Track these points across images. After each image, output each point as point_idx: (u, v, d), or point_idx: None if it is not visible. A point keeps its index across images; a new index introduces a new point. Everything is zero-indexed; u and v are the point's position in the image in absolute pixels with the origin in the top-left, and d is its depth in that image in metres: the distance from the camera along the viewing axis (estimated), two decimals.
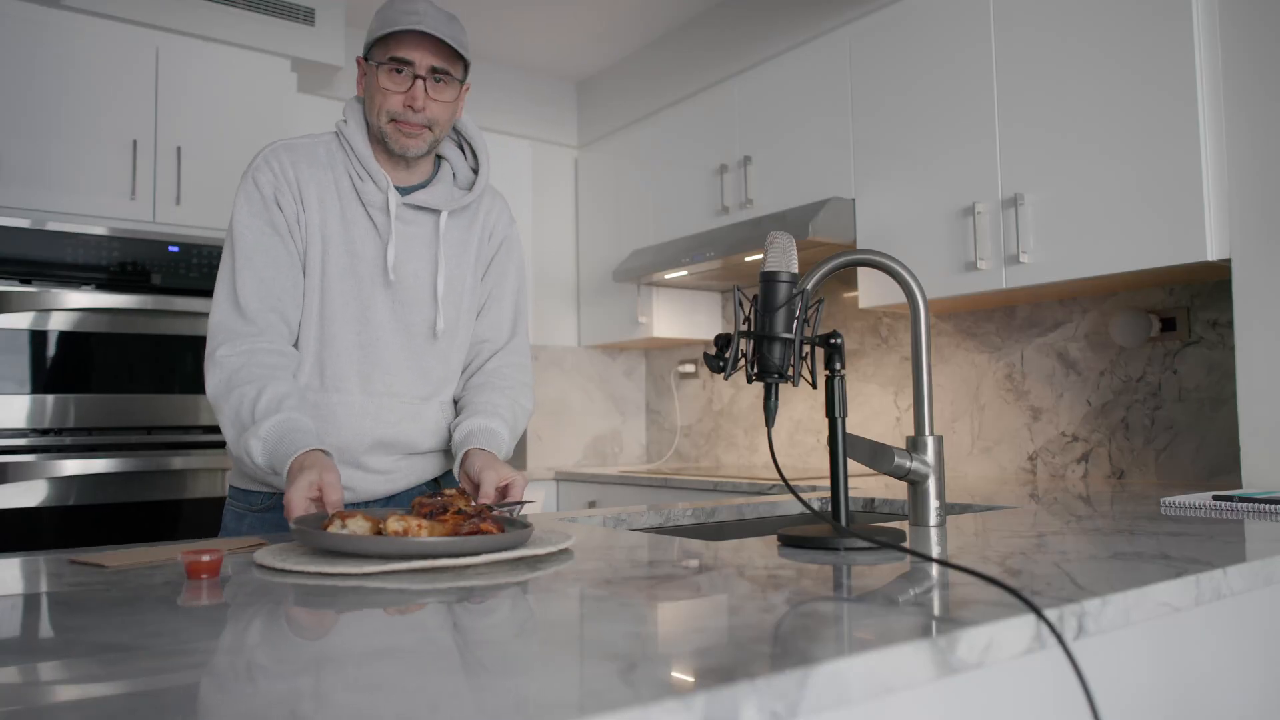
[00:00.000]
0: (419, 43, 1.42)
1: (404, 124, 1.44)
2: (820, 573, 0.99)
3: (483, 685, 0.58)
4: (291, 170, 1.45)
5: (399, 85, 1.43)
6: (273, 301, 1.42)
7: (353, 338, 1.47)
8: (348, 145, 1.49)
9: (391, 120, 1.44)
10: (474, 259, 1.59)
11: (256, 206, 1.44)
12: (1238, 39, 1.93)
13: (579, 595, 0.88)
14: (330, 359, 1.46)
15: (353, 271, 1.47)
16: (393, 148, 1.47)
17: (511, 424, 1.54)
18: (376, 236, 1.49)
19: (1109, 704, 1.01)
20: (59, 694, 0.58)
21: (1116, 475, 2.43)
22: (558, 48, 3.81)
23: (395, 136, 1.45)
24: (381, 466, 1.52)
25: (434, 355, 1.54)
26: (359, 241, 1.47)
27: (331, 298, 1.46)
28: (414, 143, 1.46)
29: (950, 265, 2.46)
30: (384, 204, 1.48)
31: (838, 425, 1.26)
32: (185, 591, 0.91)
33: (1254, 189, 1.91)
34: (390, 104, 1.43)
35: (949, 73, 2.49)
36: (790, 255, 1.23)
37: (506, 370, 1.61)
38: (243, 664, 0.64)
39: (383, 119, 1.45)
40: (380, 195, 1.48)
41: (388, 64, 1.42)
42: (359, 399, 1.48)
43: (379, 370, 1.49)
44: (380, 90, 1.43)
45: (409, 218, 1.51)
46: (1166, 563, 1.00)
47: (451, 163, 1.59)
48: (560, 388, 3.98)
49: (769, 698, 0.58)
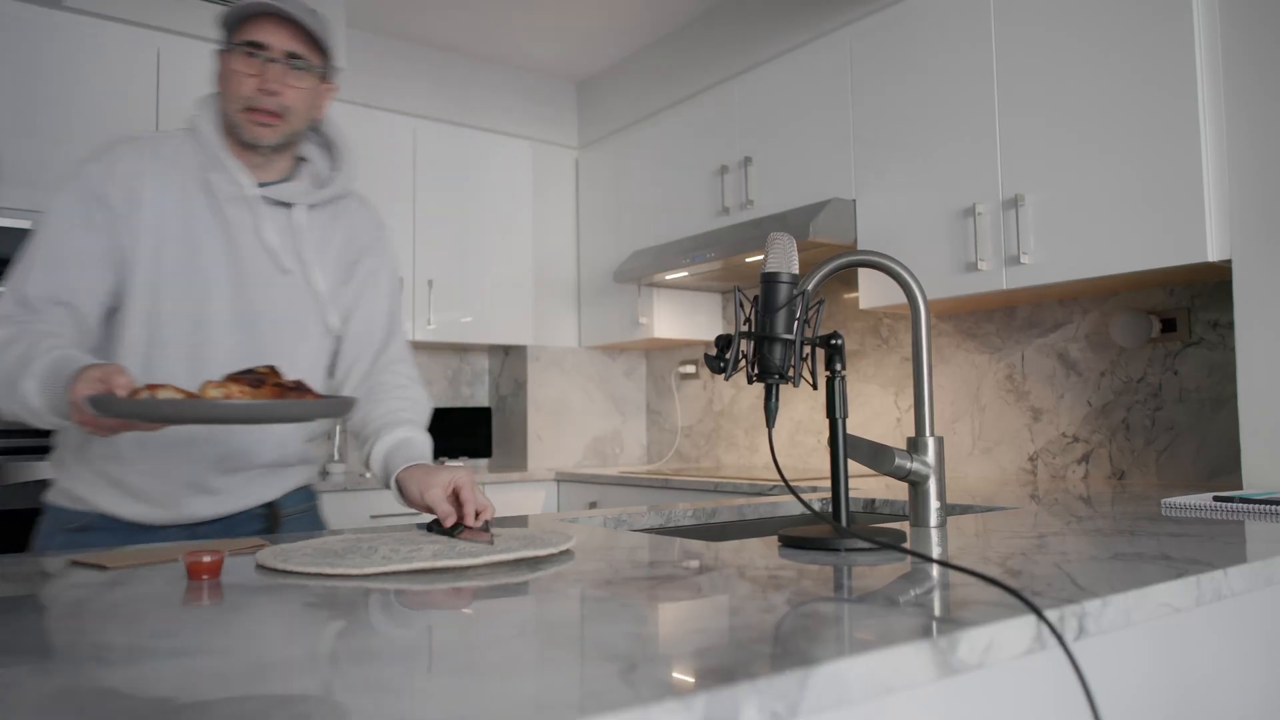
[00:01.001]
0: (276, 26, 1.36)
1: (257, 111, 1.37)
2: (821, 573, 0.99)
3: (483, 685, 0.58)
4: (124, 164, 1.37)
5: (253, 69, 1.35)
6: (65, 295, 1.31)
7: (184, 339, 1.37)
8: (200, 138, 1.41)
9: (245, 108, 1.37)
10: (334, 261, 1.51)
11: (73, 198, 1.35)
12: (1238, 39, 1.93)
13: (579, 596, 0.88)
14: (159, 362, 1.36)
15: (190, 270, 1.37)
16: (244, 136, 1.38)
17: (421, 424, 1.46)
18: (221, 233, 1.39)
19: (1109, 705, 1.01)
20: (59, 694, 0.58)
21: (1117, 476, 2.43)
22: (558, 48, 3.81)
23: (247, 125, 1.37)
24: (212, 484, 1.40)
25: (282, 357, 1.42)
26: (201, 238, 1.38)
27: (164, 298, 1.36)
28: (267, 132, 1.38)
29: (951, 266, 2.46)
30: (237, 195, 1.40)
31: (838, 426, 1.26)
32: (186, 592, 0.91)
33: (1254, 189, 1.91)
34: (243, 88, 1.36)
35: (949, 73, 2.49)
36: (791, 256, 1.23)
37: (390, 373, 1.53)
38: (243, 664, 0.64)
39: (235, 105, 1.37)
40: (233, 187, 1.40)
41: (242, 47, 1.35)
42: None
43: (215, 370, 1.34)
44: (233, 74, 1.36)
45: (262, 212, 1.42)
46: (1167, 563, 1.00)
47: (314, 162, 1.52)
48: (560, 388, 3.98)
49: (769, 698, 0.58)
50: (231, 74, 1.37)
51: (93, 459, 1.37)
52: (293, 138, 1.44)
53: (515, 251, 3.86)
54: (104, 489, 1.38)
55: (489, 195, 3.80)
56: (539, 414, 3.92)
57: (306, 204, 1.46)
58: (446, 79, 3.79)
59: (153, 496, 1.38)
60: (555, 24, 3.60)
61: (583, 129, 4.12)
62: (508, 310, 3.81)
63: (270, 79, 1.36)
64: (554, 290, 3.99)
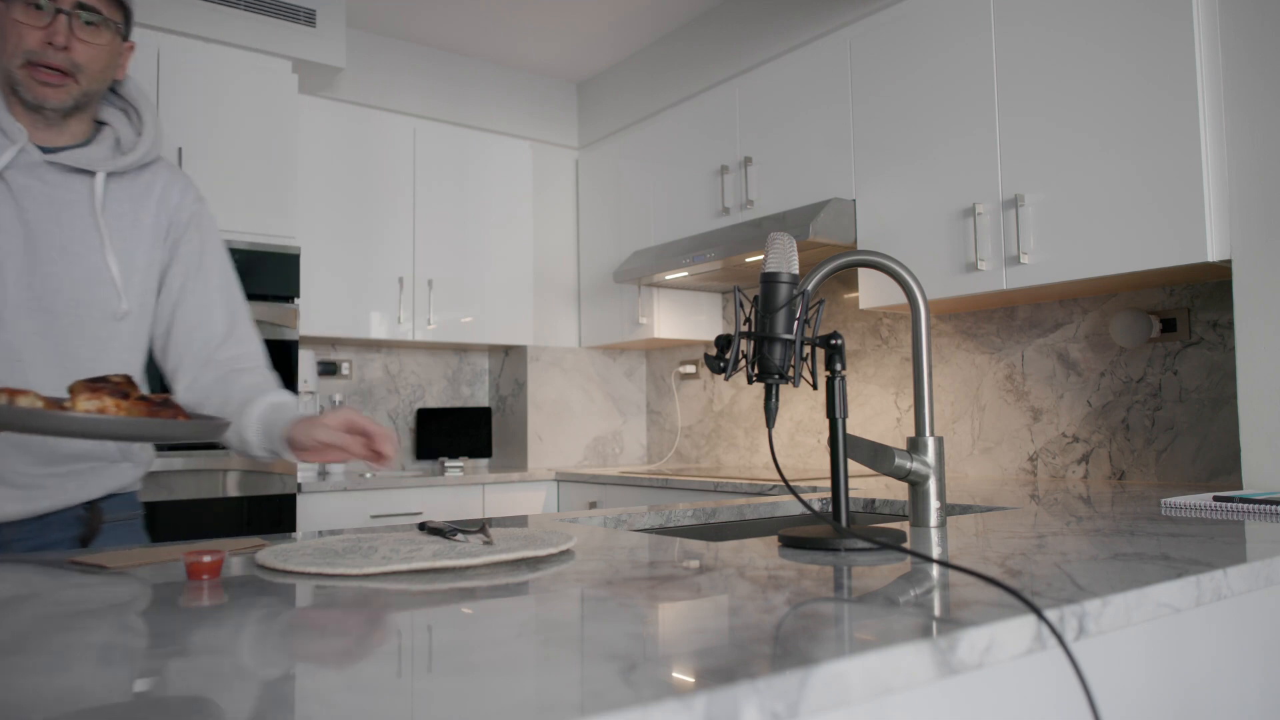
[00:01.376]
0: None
1: (41, 67, 1.22)
2: (821, 573, 0.99)
3: (483, 685, 0.58)
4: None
5: (38, 21, 1.21)
6: None
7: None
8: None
9: (28, 63, 1.22)
10: (148, 238, 1.35)
11: None
12: (1238, 39, 1.93)
13: (580, 596, 0.88)
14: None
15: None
16: (26, 96, 1.24)
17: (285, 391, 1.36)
18: (8, 198, 1.24)
19: (1109, 704, 1.02)
20: (59, 695, 0.58)
21: (1117, 476, 2.43)
22: (558, 48, 3.81)
23: (29, 83, 1.23)
24: (19, 478, 1.24)
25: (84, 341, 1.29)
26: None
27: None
28: (54, 93, 1.24)
29: (950, 266, 2.46)
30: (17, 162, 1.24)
31: (838, 426, 1.26)
32: (186, 592, 0.91)
33: (1254, 189, 1.91)
34: (27, 41, 1.21)
35: (949, 73, 2.49)
36: (791, 256, 1.23)
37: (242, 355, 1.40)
38: (243, 664, 0.64)
39: (15, 61, 1.22)
40: (11, 149, 1.23)
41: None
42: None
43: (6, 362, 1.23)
44: (14, 24, 1.21)
45: (55, 180, 1.27)
46: (1167, 563, 1.00)
47: (116, 128, 1.36)
48: (561, 388, 3.98)
49: (769, 698, 0.58)
50: (11, 24, 1.21)
51: None
52: (86, 100, 1.30)
53: (515, 251, 3.87)
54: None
55: (489, 195, 3.80)
56: (539, 414, 3.92)
57: (106, 171, 1.31)
58: (446, 79, 3.79)
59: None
60: (555, 24, 3.60)
61: (583, 129, 4.12)
62: (508, 310, 3.81)
63: (58, 31, 1.22)
64: (554, 290, 3.99)
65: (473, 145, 3.78)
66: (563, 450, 3.96)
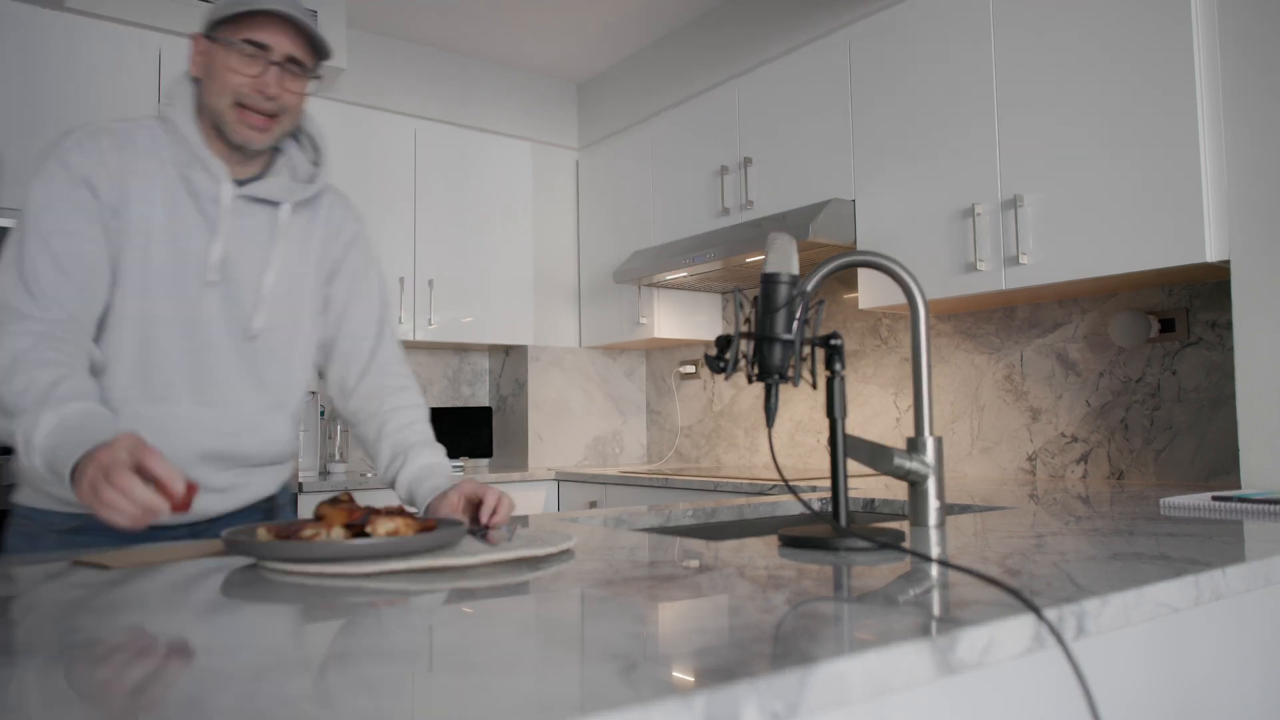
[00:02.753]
0: (279, 27, 1.31)
1: (250, 111, 1.32)
2: (820, 573, 0.99)
3: (483, 685, 0.58)
4: (112, 156, 1.30)
5: (252, 69, 1.31)
6: (70, 291, 1.26)
7: (181, 343, 1.33)
8: (175, 131, 1.34)
9: (237, 104, 1.32)
10: (316, 258, 1.48)
11: (63, 188, 1.28)
12: (1237, 39, 1.93)
13: (580, 595, 0.89)
14: (156, 366, 1.32)
15: (179, 270, 1.33)
16: (232, 138, 1.34)
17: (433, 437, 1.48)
18: (207, 228, 1.35)
19: (1109, 704, 1.02)
20: (59, 694, 0.58)
21: (1116, 476, 2.43)
22: (558, 48, 3.81)
23: (237, 126, 1.33)
24: (217, 483, 1.39)
25: (272, 361, 1.42)
26: (186, 238, 1.33)
27: (155, 300, 1.32)
28: (259, 136, 1.35)
29: (950, 266, 2.47)
30: (216, 195, 1.35)
31: (838, 426, 1.27)
32: (187, 592, 0.91)
33: (1253, 190, 1.91)
34: (238, 86, 1.31)
35: (949, 74, 2.49)
36: (791, 256, 1.23)
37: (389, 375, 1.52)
38: (243, 664, 0.64)
39: (225, 101, 1.32)
40: (213, 186, 1.34)
41: (240, 45, 1.30)
42: (189, 409, 1.34)
43: (212, 378, 1.35)
44: (228, 71, 1.31)
45: (244, 211, 1.38)
46: (1166, 563, 1.00)
47: (289, 155, 1.47)
48: (561, 388, 3.98)
49: (769, 698, 0.58)
50: (227, 70, 1.31)
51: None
52: (280, 139, 1.41)
53: (515, 251, 3.87)
54: None
55: (489, 195, 3.81)
56: (539, 414, 3.92)
57: (291, 202, 1.42)
58: (447, 79, 3.79)
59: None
60: (555, 24, 3.60)
61: (583, 129, 4.13)
62: (508, 310, 3.82)
63: (269, 81, 1.32)
64: (554, 290, 3.99)
65: (473, 145, 3.78)
66: (563, 450, 3.96)
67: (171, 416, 1.33)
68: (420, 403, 1.53)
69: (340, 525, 1.07)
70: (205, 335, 1.36)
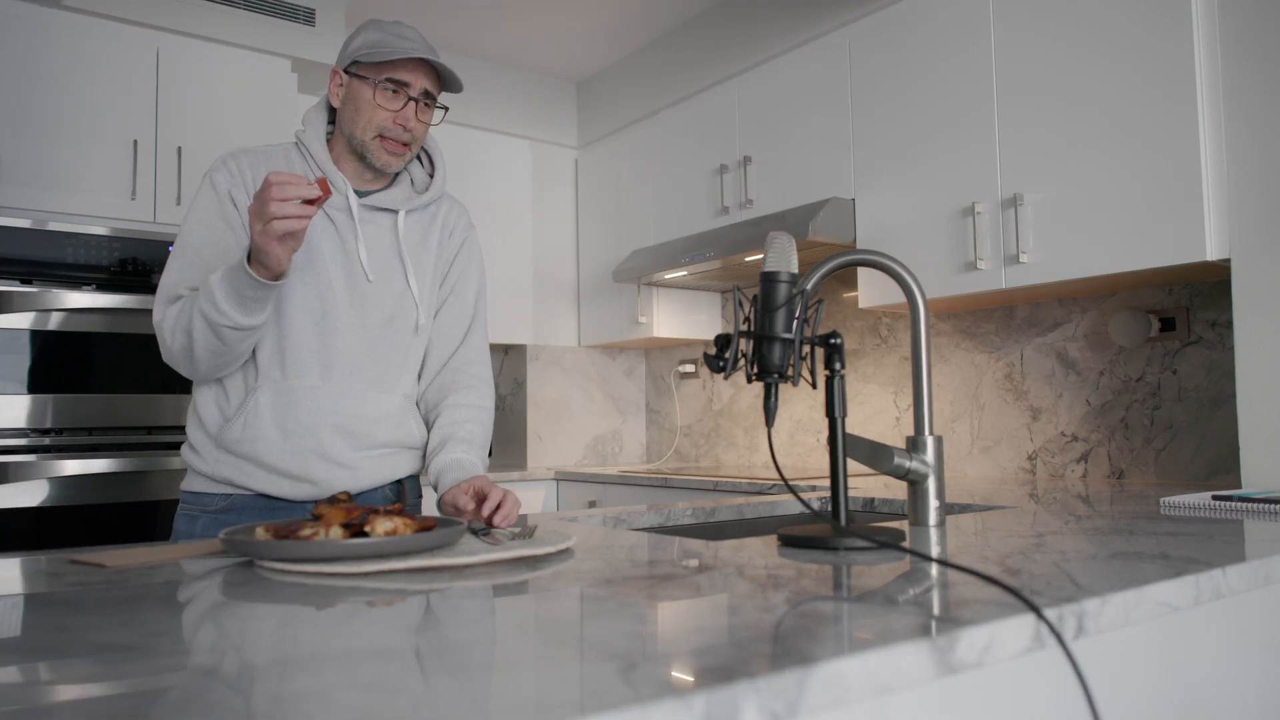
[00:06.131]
0: (416, 66, 1.51)
1: (390, 140, 1.51)
2: (820, 572, 0.99)
3: (483, 685, 0.58)
4: (250, 171, 1.52)
5: (393, 104, 1.50)
6: None
7: (312, 328, 1.50)
8: (305, 151, 1.56)
9: (379, 135, 1.51)
10: (434, 259, 1.63)
11: (211, 204, 1.50)
12: (1237, 39, 1.93)
13: (579, 595, 0.88)
14: (290, 348, 1.49)
15: (309, 266, 1.50)
16: (374, 162, 1.53)
17: (483, 440, 1.59)
18: (335, 233, 1.53)
19: (1109, 704, 1.02)
20: (59, 694, 0.58)
21: (1116, 475, 2.43)
22: (558, 48, 3.81)
23: (379, 152, 1.52)
24: (345, 459, 1.53)
25: (392, 349, 1.58)
26: (316, 238, 1.51)
27: (289, 290, 1.49)
28: (396, 160, 1.54)
29: (950, 265, 2.46)
30: (343, 205, 1.53)
31: (837, 425, 1.26)
32: (185, 591, 0.91)
33: (1254, 189, 1.91)
34: (381, 120, 1.50)
35: (949, 73, 2.49)
36: (790, 255, 1.23)
37: (463, 374, 1.65)
38: (243, 663, 0.64)
39: (369, 133, 1.51)
40: (339, 197, 1.53)
41: (384, 84, 1.49)
42: (319, 383, 1.51)
43: (339, 358, 1.52)
44: (373, 106, 1.50)
45: (367, 218, 1.56)
46: (1166, 562, 1.00)
47: (409, 170, 1.65)
48: (560, 388, 3.98)
49: (769, 697, 0.58)
50: (371, 105, 1.50)
51: (229, 442, 1.48)
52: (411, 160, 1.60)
53: (515, 250, 3.86)
54: (250, 470, 1.48)
55: (488, 194, 3.80)
56: (539, 413, 3.92)
57: (406, 210, 1.59)
58: None
59: (294, 473, 1.49)
60: (555, 24, 3.60)
61: (582, 129, 4.12)
62: (507, 309, 3.81)
63: (408, 116, 1.51)
64: (553, 289, 3.99)
65: (472, 144, 3.77)
66: (562, 449, 3.96)
67: (304, 389, 1.50)
68: (483, 405, 1.63)
69: (339, 525, 1.07)
70: (332, 323, 1.51)
